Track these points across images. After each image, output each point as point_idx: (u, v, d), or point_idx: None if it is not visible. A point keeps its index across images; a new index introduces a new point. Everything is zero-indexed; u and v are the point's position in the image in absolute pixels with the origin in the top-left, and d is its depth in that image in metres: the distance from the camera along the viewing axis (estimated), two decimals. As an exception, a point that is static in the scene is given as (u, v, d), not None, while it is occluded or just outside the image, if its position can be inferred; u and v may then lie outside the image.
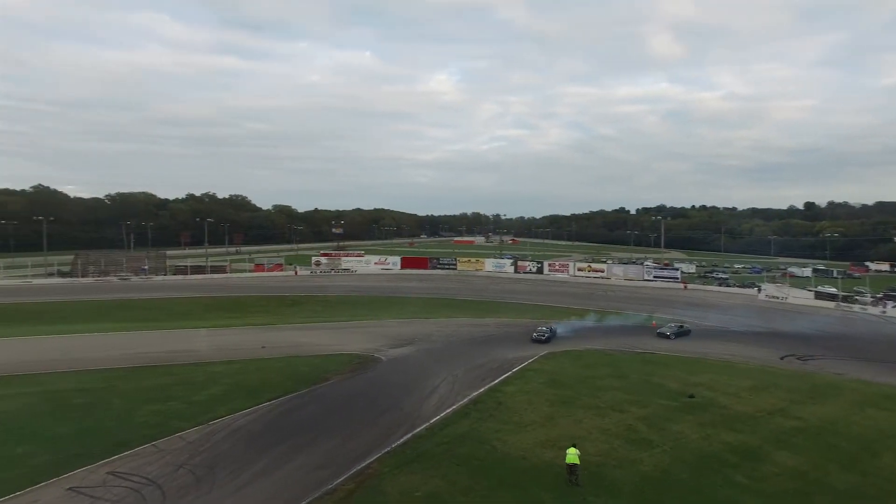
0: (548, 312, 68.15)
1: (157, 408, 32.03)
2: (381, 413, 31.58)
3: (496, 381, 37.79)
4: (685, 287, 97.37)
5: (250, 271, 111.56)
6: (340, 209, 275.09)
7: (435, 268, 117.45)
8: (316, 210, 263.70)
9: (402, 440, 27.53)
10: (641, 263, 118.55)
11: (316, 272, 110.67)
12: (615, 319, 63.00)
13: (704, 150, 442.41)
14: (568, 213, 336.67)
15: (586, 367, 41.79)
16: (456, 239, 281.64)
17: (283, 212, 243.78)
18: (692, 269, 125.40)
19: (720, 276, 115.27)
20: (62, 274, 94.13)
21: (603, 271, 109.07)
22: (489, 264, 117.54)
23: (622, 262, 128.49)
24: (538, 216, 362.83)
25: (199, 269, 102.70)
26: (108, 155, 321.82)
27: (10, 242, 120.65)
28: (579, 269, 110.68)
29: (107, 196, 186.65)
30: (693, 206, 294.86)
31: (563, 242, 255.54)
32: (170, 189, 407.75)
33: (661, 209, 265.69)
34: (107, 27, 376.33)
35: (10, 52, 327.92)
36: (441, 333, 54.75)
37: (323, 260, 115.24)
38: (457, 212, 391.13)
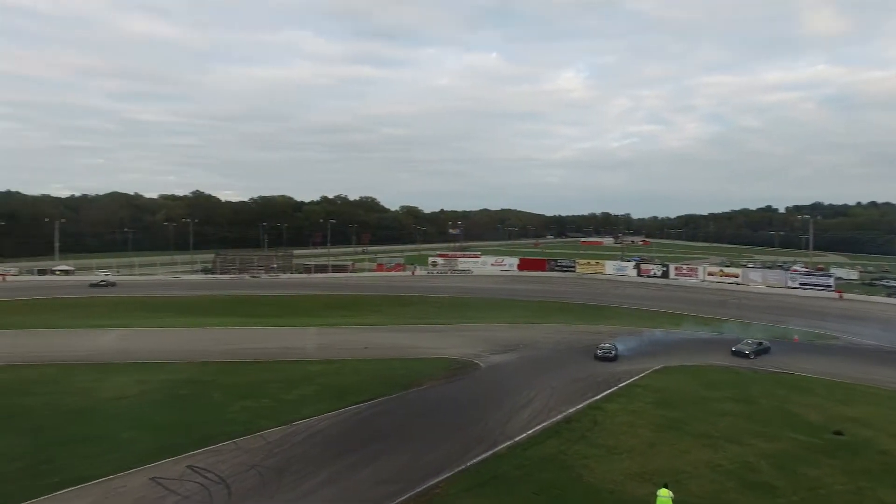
0: (668, 320, 62.11)
1: (249, 404, 32.81)
2: (465, 425, 29.64)
3: (598, 397, 34.24)
4: (840, 296, 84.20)
5: (372, 271, 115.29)
6: (467, 210, 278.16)
7: (553, 270, 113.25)
8: (442, 211, 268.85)
9: (479, 458, 25.36)
10: (786, 268, 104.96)
11: (433, 272, 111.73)
12: (734, 331, 55.70)
13: (874, 137, 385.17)
14: (705, 213, 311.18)
15: (706, 385, 36.66)
16: (583, 240, 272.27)
17: (410, 213, 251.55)
18: (854, 275, 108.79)
19: (891, 283, 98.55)
20: (205, 271, 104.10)
21: (738, 276, 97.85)
22: (610, 267, 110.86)
23: (764, 266, 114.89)
24: (672, 216, 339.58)
25: (321, 269, 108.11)
26: (255, 162, 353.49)
27: (171, 242, 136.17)
28: (710, 274, 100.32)
29: (251, 199, 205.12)
30: (858, 202, 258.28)
31: (700, 244, 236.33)
32: (306, 192, 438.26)
33: (816, 206, 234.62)
34: (257, 47, 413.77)
35: (181, 76, 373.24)
36: (549, 340, 51.75)
37: (440, 261, 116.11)
38: (585, 211, 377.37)
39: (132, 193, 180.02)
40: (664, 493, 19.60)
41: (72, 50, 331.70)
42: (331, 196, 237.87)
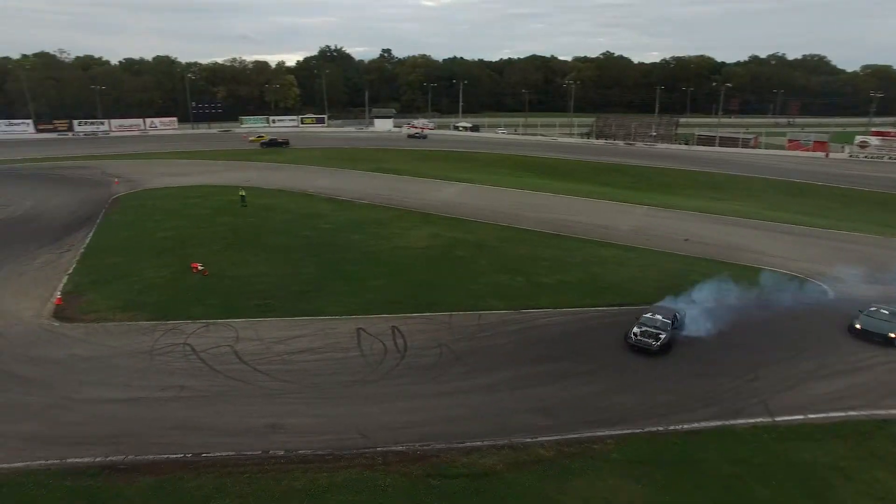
0: None
1: (503, 279, 31.35)
2: (710, 373, 21.44)
3: None
4: None
5: (783, 148, 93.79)
6: None
7: None
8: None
9: (690, 426, 18.04)
10: None
11: (857, 156, 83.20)
12: None
13: None
14: None
15: None
16: None
17: (875, 74, 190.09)
18: None
19: None
20: (582, 135, 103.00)
21: None
22: None
23: None
24: None
25: (706, 141, 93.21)
26: (684, 18, 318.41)
27: (573, 104, 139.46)
28: None
29: (663, 60, 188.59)
30: None
31: None
32: (733, 51, 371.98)
33: None
34: None
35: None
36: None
37: (874, 141, 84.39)
38: None
39: (548, 56, 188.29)
40: None
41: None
42: (763, 55, 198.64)
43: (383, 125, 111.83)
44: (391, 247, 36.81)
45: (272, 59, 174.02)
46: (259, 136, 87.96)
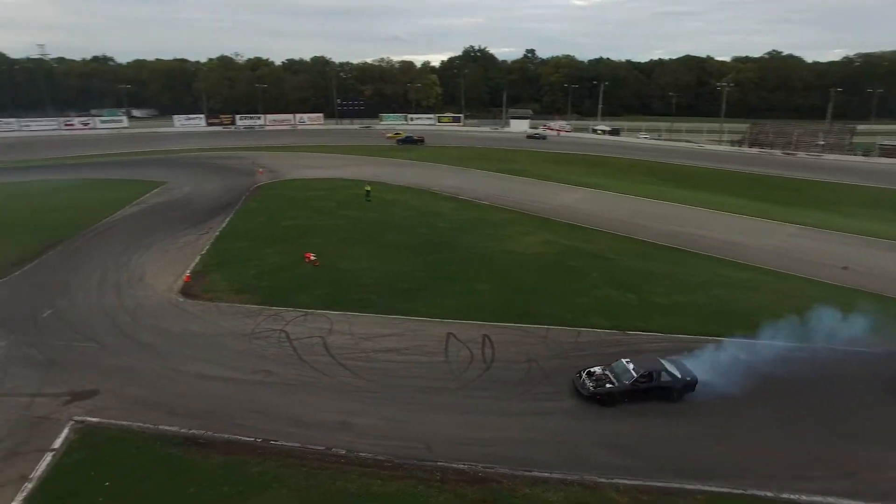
0: None
1: (612, 294, 29.16)
2: (844, 434, 17.85)
3: None
4: None
5: None
6: None
7: None
8: None
9: (805, 498, 15.07)
10: None
11: None
12: None
13: None
14: None
15: None
16: None
17: None
18: None
19: None
20: (732, 143, 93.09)
21: None
22: None
23: None
24: None
25: (893, 152, 79.57)
26: (872, 6, 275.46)
27: (721, 107, 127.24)
28: None
29: (844, 58, 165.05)
30: None
31: None
32: None
33: None
34: None
35: None
36: None
37: None
38: None
39: (704, 56, 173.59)
40: None
41: None
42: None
43: (519, 126, 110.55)
44: (503, 250, 35.89)
45: (418, 59, 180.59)
46: (396, 133, 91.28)
